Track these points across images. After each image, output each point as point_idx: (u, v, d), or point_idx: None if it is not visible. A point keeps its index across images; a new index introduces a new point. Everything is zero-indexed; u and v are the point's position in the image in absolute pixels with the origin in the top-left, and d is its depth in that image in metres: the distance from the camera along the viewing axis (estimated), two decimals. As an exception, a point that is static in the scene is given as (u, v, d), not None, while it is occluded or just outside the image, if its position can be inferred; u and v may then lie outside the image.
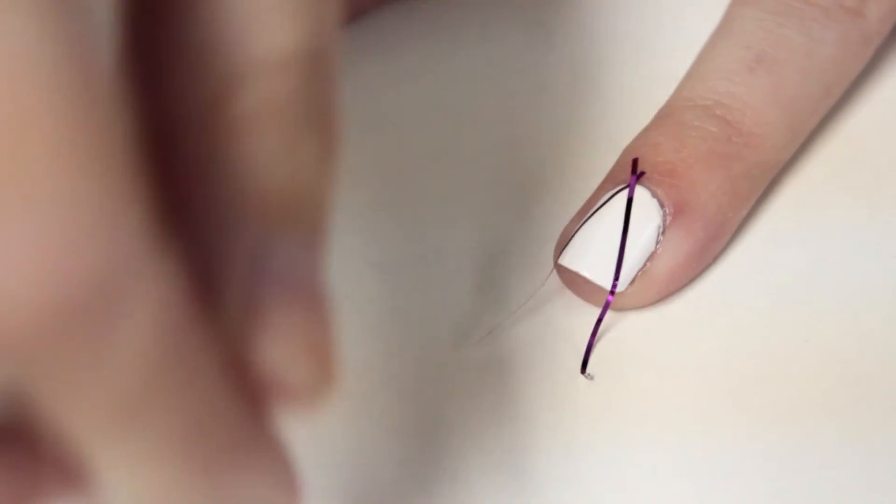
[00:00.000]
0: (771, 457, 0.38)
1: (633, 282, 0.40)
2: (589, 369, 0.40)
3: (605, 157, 0.42)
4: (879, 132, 0.44)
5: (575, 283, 0.40)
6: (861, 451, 0.38)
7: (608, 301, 0.40)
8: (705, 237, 0.40)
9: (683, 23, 0.47)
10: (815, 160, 0.44)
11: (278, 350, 0.25)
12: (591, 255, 0.40)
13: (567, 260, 0.40)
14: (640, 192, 0.40)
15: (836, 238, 0.42)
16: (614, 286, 0.39)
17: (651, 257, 0.40)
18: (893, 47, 0.46)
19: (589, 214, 0.40)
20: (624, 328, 0.41)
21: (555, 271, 0.41)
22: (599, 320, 0.40)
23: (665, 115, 0.42)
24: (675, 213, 0.40)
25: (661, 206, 0.40)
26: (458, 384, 0.40)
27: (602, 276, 0.40)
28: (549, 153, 0.45)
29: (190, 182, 0.23)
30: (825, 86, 0.42)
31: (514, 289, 0.41)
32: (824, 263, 0.41)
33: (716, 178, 0.40)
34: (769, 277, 0.41)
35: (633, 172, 0.40)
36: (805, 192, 0.43)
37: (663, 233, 0.40)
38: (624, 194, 0.40)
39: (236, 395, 0.24)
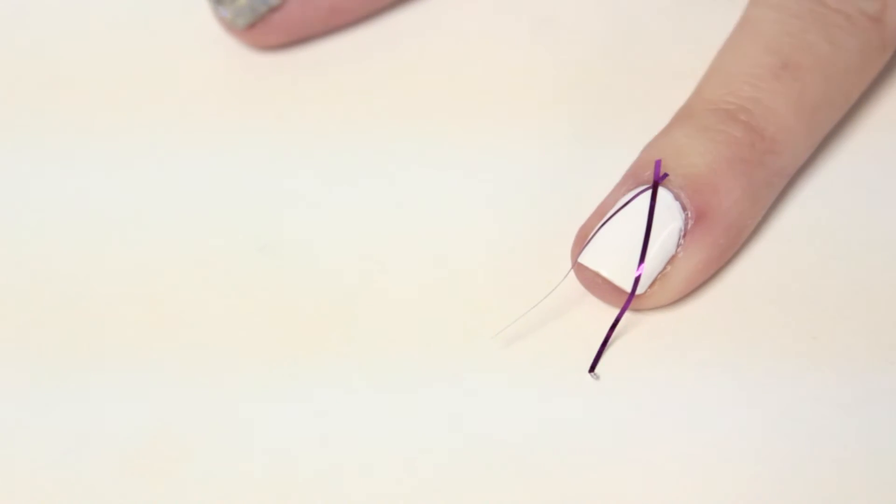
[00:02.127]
0: (780, 454, 0.38)
1: (652, 284, 0.40)
2: (599, 368, 0.40)
3: (618, 155, 0.42)
4: (885, 127, 0.45)
5: (593, 282, 0.40)
6: (869, 448, 0.38)
7: (627, 302, 0.40)
8: (725, 243, 0.40)
9: (692, 20, 0.47)
10: (821, 155, 0.44)
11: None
12: (612, 256, 0.40)
13: (587, 259, 0.40)
14: (663, 194, 0.40)
15: (844, 234, 0.42)
16: (634, 288, 0.40)
17: (671, 260, 0.40)
18: None
19: (610, 214, 0.40)
20: (635, 329, 0.41)
21: (573, 271, 0.41)
22: (617, 321, 0.40)
23: (687, 116, 0.41)
24: (697, 217, 0.40)
25: (684, 209, 0.40)
26: (472, 383, 0.40)
27: (622, 278, 0.40)
28: (560, 151, 0.45)
29: None
30: (845, 93, 0.42)
31: (529, 286, 0.41)
32: (832, 260, 0.42)
33: (739, 184, 0.40)
34: (777, 275, 0.41)
35: (657, 173, 0.40)
36: (814, 191, 0.43)
37: (684, 236, 0.40)
38: (646, 196, 0.40)
39: None
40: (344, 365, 0.40)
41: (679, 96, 0.43)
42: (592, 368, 0.40)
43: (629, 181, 0.41)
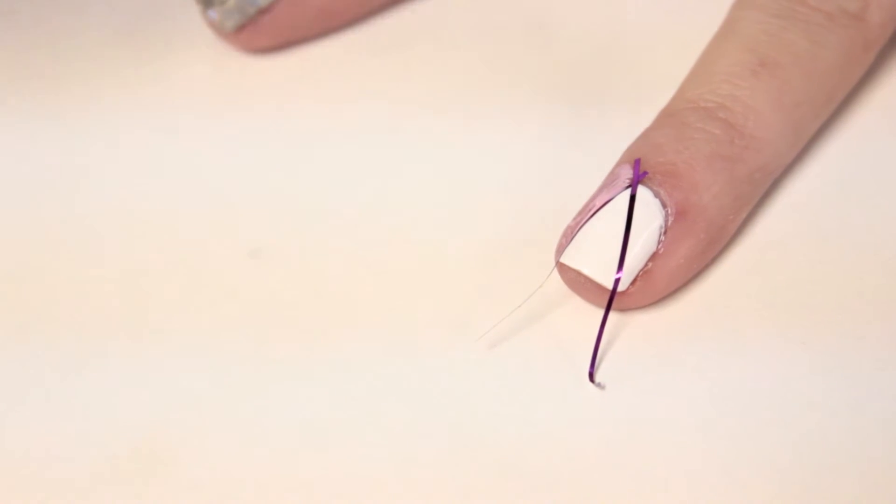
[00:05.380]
0: (772, 459, 0.38)
1: (634, 281, 0.40)
2: (583, 370, 0.40)
3: (606, 157, 0.42)
4: (878, 131, 0.45)
5: (576, 282, 0.40)
6: (860, 452, 0.38)
7: (611, 299, 0.40)
8: (707, 238, 0.40)
9: (683, 23, 0.47)
10: (813, 161, 0.44)
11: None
12: (593, 254, 0.40)
13: (568, 258, 0.40)
14: (643, 192, 0.40)
15: (835, 240, 0.42)
16: (616, 286, 0.40)
17: (653, 257, 0.40)
18: (893, 51, 0.46)
19: (591, 213, 0.40)
20: (623, 332, 0.41)
21: (556, 270, 0.41)
22: (604, 320, 0.40)
23: (667, 116, 0.42)
24: (677, 213, 0.40)
25: (664, 206, 0.40)
26: (458, 386, 0.40)
27: (604, 275, 0.40)
28: (548, 153, 0.45)
29: None
30: (827, 91, 0.42)
31: (515, 289, 0.41)
32: (822, 264, 0.42)
33: (718, 180, 0.40)
34: (767, 279, 0.41)
35: (636, 172, 0.40)
36: (803, 194, 0.43)
37: (665, 233, 0.40)
38: (626, 194, 0.40)
39: None
40: (333, 369, 0.40)
41: (669, 99, 0.43)
42: (592, 377, 0.40)
43: (610, 182, 0.41)
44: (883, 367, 0.39)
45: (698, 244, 0.40)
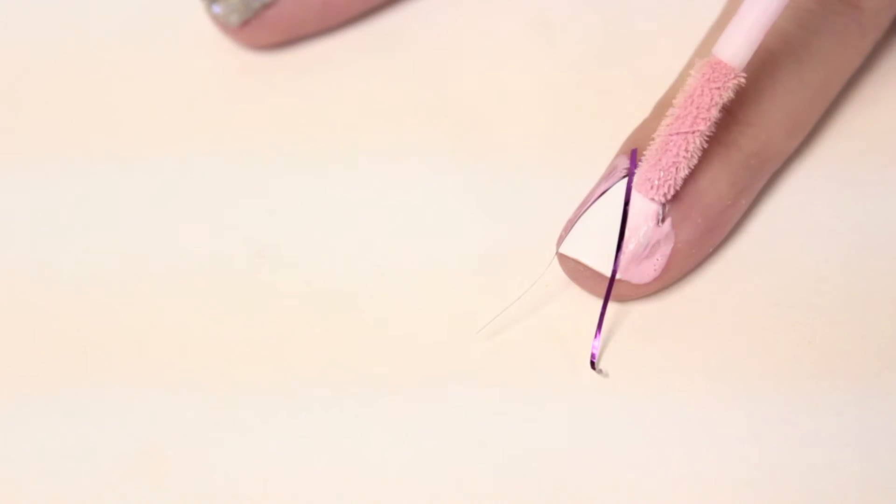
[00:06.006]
0: (775, 459, 0.38)
1: (633, 270, 0.40)
2: (582, 358, 0.40)
3: (608, 150, 0.42)
4: (882, 130, 0.45)
5: (576, 271, 0.41)
6: (863, 452, 0.38)
7: (609, 287, 0.40)
8: (704, 223, 0.40)
9: (682, 21, 0.47)
10: (817, 158, 0.44)
11: None
12: (591, 243, 0.40)
13: (567, 248, 0.40)
14: None
15: (840, 238, 0.42)
16: (614, 273, 0.40)
17: (651, 245, 0.40)
18: (894, 44, 0.46)
19: (589, 204, 0.40)
20: (627, 327, 0.41)
21: (556, 261, 0.41)
22: (604, 308, 0.40)
23: (663, 107, 0.42)
24: (674, 198, 0.40)
25: None
26: (460, 382, 0.40)
27: (602, 264, 0.40)
28: (552, 148, 0.45)
29: None
30: (821, 77, 0.42)
31: (517, 282, 0.41)
32: (828, 264, 0.42)
33: (713, 166, 0.40)
34: (772, 278, 0.41)
35: (633, 161, 0.40)
36: (808, 192, 0.43)
37: (662, 220, 0.40)
38: (623, 183, 0.40)
39: None
40: (340, 368, 0.40)
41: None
42: (594, 365, 0.40)
43: (610, 173, 0.41)
44: (887, 366, 0.39)
45: (696, 229, 0.40)
